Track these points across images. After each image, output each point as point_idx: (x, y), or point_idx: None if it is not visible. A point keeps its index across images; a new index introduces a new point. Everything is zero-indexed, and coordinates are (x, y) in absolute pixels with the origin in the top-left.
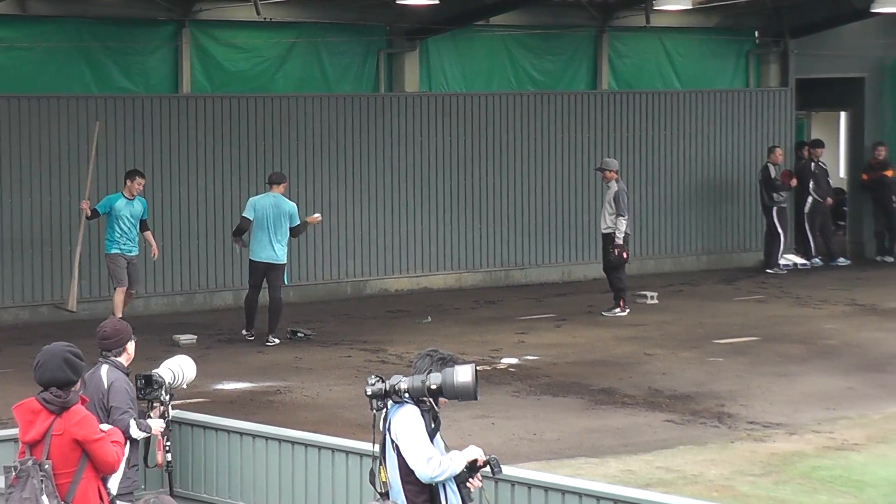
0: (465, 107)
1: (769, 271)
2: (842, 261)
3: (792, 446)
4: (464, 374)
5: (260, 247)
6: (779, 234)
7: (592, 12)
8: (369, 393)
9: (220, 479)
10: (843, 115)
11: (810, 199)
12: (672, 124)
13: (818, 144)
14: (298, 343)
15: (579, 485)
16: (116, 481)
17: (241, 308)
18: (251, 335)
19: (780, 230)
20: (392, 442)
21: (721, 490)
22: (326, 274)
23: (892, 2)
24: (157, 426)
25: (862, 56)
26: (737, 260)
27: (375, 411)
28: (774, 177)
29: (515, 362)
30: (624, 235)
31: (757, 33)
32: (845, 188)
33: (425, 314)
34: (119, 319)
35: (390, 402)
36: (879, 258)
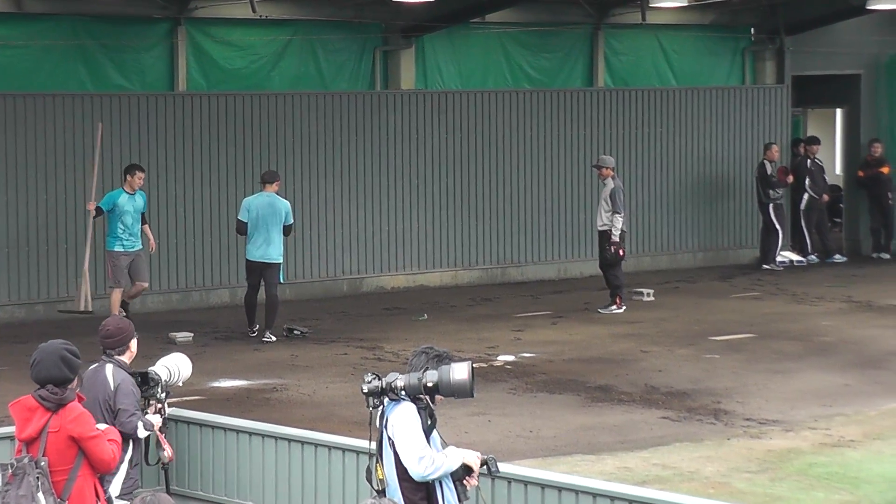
0: (461, 104)
1: (766, 267)
2: (838, 257)
3: (788, 443)
4: (460, 372)
5: (255, 246)
6: (776, 231)
7: (588, 9)
8: (366, 391)
9: (217, 477)
10: (839, 112)
11: (806, 196)
12: (668, 121)
13: (814, 141)
14: (295, 341)
15: (576, 482)
16: (119, 481)
17: (238, 306)
18: (254, 331)
19: (778, 226)
20: (389, 439)
21: (717, 487)
22: (322, 271)
23: None
24: (157, 421)
25: (858, 53)
26: (733, 257)
27: (372, 409)
28: (770, 173)
29: (512, 359)
30: (620, 232)
31: (753, 30)
32: (841, 185)
33: (421, 311)
34: (122, 318)
35: (387, 400)
36: (875, 255)
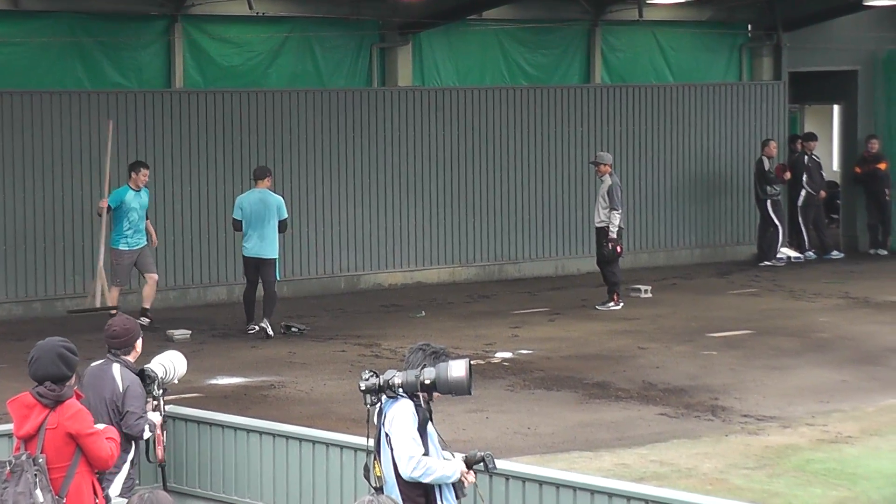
0: (458, 101)
1: (767, 263)
2: (835, 254)
3: (786, 439)
4: (458, 369)
5: (250, 243)
6: (776, 227)
7: (585, 6)
8: (363, 388)
9: (215, 474)
10: (836, 109)
11: (804, 193)
12: (665, 118)
13: (811, 138)
14: (292, 338)
15: (573, 479)
16: (120, 481)
17: (235, 303)
18: (252, 328)
19: (778, 222)
20: (386, 436)
21: (715, 483)
22: (320, 269)
23: None
24: (157, 420)
25: (855, 49)
26: (730, 253)
27: (369, 406)
28: (768, 169)
29: (509, 356)
30: (617, 229)
31: (750, 27)
32: (838, 181)
33: (419, 309)
34: (128, 317)
35: (384, 397)
36: (873, 251)
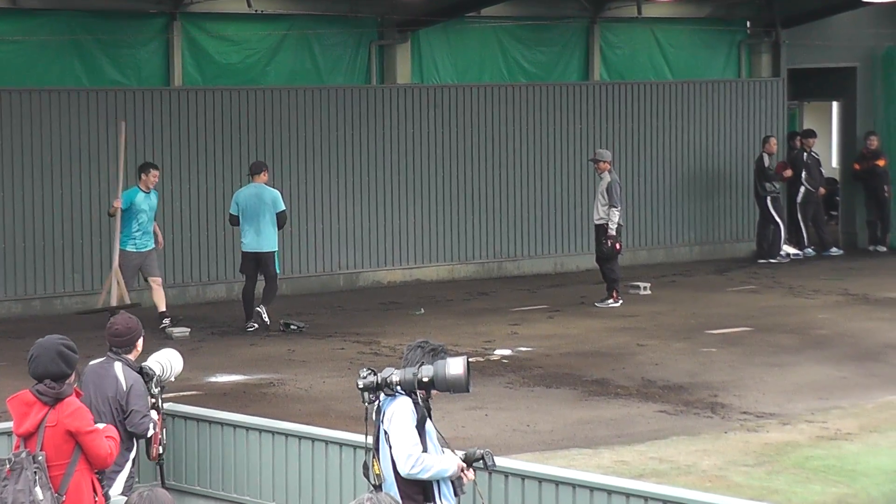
0: (457, 98)
1: (772, 260)
2: (834, 250)
3: (785, 436)
4: (456, 367)
5: (248, 237)
6: (777, 223)
7: (584, 3)
8: (361, 386)
9: (214, 472)
10: (836, 105)
11: (803, 189)
12: (664, 115)
13: (810, 134)
14: (291, 335)
15: (573, 476)
16: (122, 480)
17: (234, 301)
18: (251, 326)
19: (778, 219)
20: (385, 434)
21: (714, 480)
22: (319, 266)
23: None
24: (155, 417)
25: (854, 46)
26: (729, 250)
27: (368, 404)
28: (768, 166)
29: (508, 354)
30: (617, 226)
31: (748, 23)
32: (837, 178)
33: (418, 306)
34: (130, 316)
35: (383, 395)
36: (872, 248)
